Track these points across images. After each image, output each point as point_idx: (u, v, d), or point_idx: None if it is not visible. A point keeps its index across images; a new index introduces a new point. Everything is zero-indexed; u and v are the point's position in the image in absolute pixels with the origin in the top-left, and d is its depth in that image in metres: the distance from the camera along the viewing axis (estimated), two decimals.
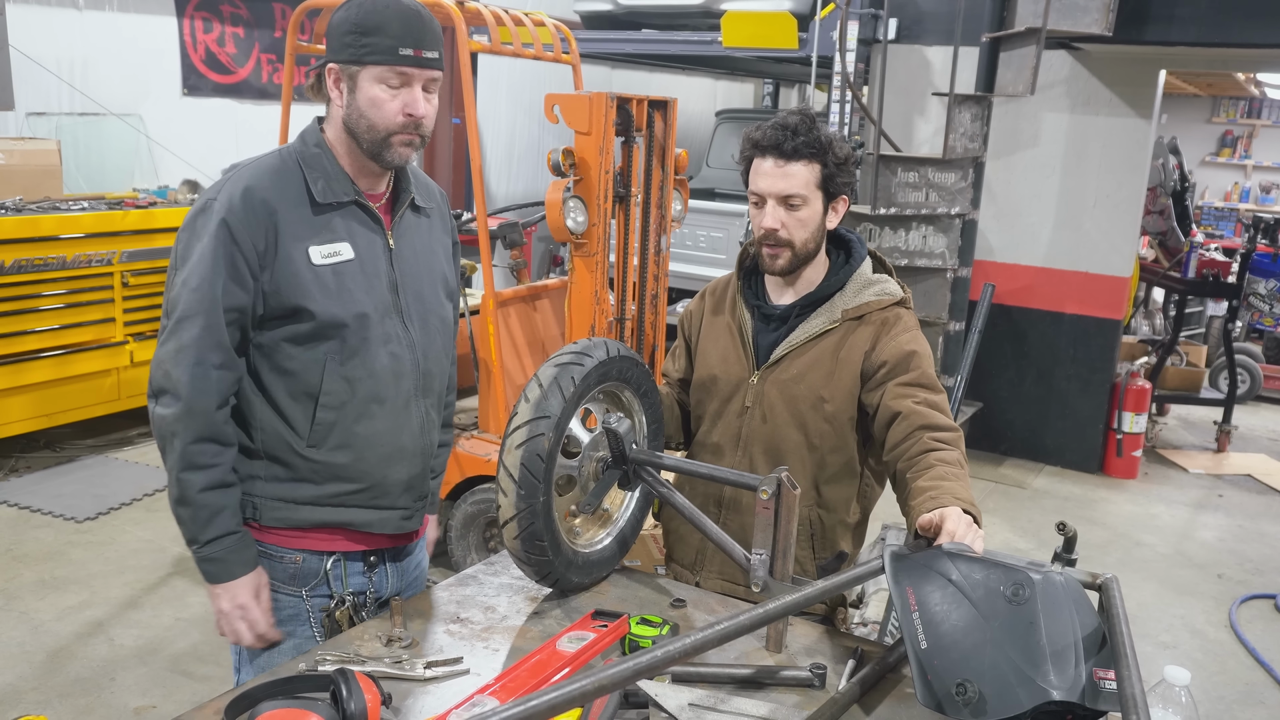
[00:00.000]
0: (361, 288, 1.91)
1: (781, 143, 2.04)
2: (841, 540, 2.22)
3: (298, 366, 1.89)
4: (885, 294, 2.17)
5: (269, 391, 1.90)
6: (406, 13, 1.83)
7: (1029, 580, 1.53)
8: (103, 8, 6.33)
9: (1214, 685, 4.05)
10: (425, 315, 2.04)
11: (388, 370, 1.95)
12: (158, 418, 1.84)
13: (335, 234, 1.90)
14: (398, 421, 1.98)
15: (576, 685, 1.28)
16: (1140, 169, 6.20)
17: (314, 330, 1.87)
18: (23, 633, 3.83)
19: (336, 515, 1.97)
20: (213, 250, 1.80)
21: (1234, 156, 13.54)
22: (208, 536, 1.86)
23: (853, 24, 5.81)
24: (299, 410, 1.91)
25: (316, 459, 1.92)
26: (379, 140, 1.87)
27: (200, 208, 1.86)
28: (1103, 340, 6.43)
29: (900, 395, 2.03)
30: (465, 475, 4.20)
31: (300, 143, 1.94)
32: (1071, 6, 5.08)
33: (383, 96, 1.84)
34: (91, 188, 6.20)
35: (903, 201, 5.35)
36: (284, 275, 1.84)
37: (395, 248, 1.98)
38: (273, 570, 1.97)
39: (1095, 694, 1.43)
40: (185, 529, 1.87)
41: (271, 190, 1.85)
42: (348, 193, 1.91)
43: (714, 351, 2.27)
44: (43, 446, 5.68)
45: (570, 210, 3.81)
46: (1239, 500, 6.21)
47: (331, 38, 1.86)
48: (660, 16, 7.16)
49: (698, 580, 2.29)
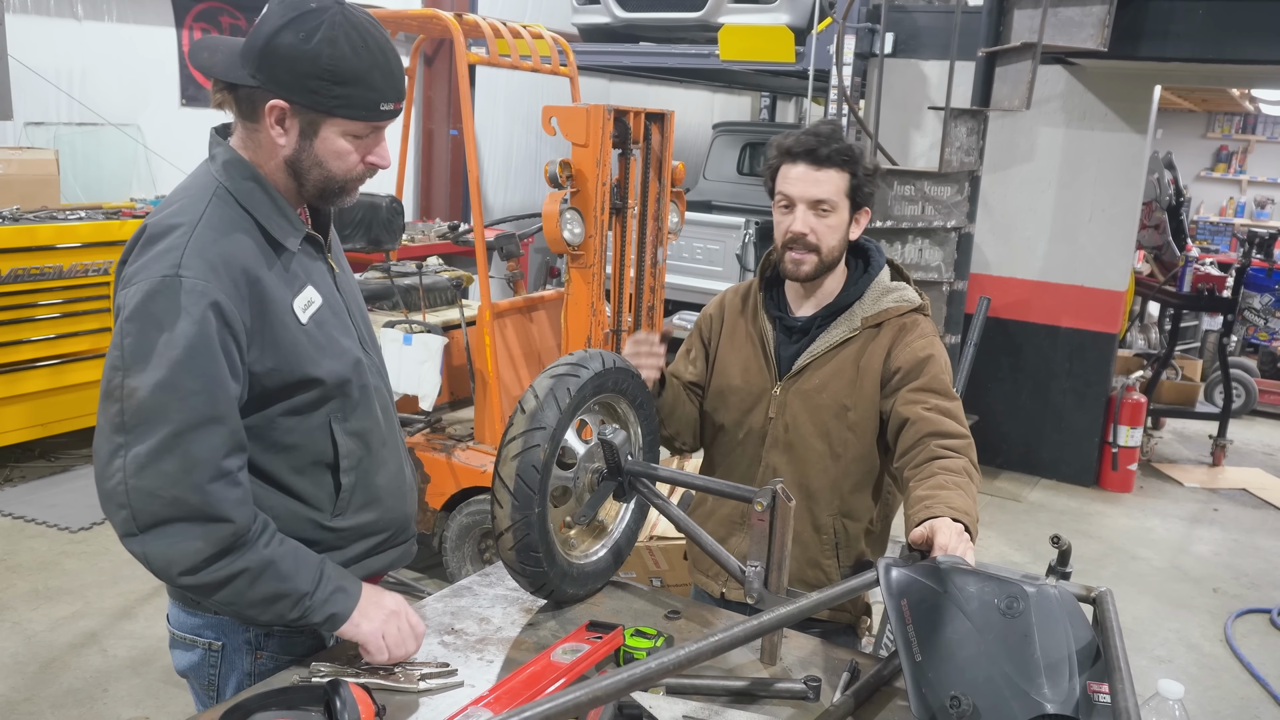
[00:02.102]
0: (340, 331, 1.74)
1: (816, 149, 2.06)
2: (865, 548, 2.23)
3: (299, 438, 1.68)
4: (903, 300, 2.18)
5: (270, 474, 1.67)
6: (388, 60, 1.61)
7: (1023, 593, 1.53)
8: (102, 18, 6.34)
9: (1209, 700, 4.04)
10: (370, 333, 1.89)
11: (376, 408, 1.82)
12: (163, 556, 1.51)
13: (300, 280, 1.68)
14: (398, 456, 1.89)
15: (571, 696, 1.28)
16: (1136, 184, 6.22)
17: (318, 396, 1.68)
18: (15, 643, 3.82)
19: (364, 570, 1.82)
20: (203, 336, 1.50)
21: (1229, 172, 13.59)
22: (315, 576, 1.61)
23: (849, 38, 5.83)
24: (311, 483, 1.71)
25: (343, 526, 1.76)
26: (334, 189, 1.67)
27: (155, 288, 1.50)
28: (1098, 354, 6.45)
29: (911, 401, 2.04)
30: (460, 486, 4.20)
31: (227, 178, 1.63)
32: (1067, 22, 5.11)
33: (347, 148, 1.63)
34: (89, 197, 6.20)
35: (899, 215, 5.36)
36: (283, 347, 1.62)
37: (338, 270, 1.82)
38: (293, 648, 1.79)
39: (1089, 707, 1.42)
40: (285, 602, 1.58)
41: (242, 252, 1.58)
42: (300, 229, 1.69)
43: (735, 361, 2.27)
44: (38, 456, 5.67)
45: (567, 222, 3.82)
46: (1234, 514, 6.21)
47: (279, 69, 1.55)
48: (658, 30, 7.19)
49: (723, 591, 2.29)
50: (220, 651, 1.77)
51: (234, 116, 1.67)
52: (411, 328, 4.34)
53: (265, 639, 1.77)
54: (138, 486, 1.49)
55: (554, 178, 3.81)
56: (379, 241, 4.42)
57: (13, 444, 5.35)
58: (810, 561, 2.20)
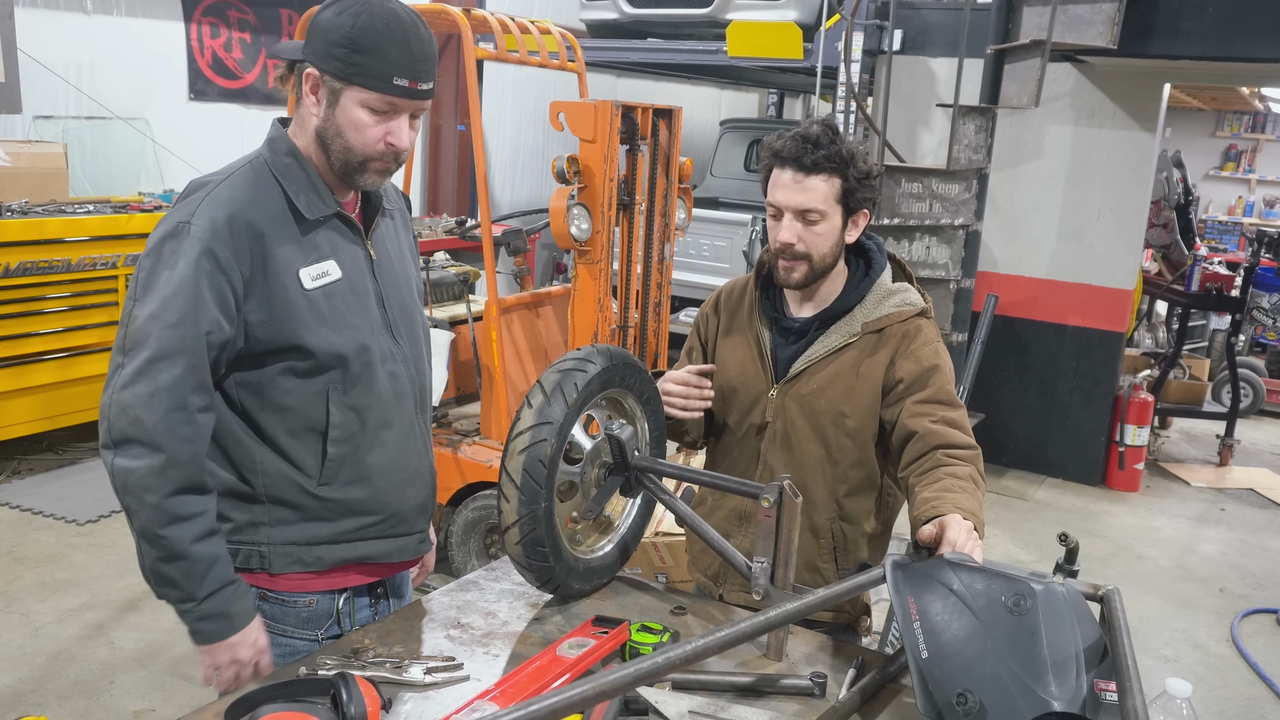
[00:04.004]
0: (354, 310, 1.79)
1: (801, 155, 1.99)
2: (863, 552, 2.21)
3: (296, 401, 1.76)
4: (906, 304, 2.13)
5: (265, 431, 1.76)
6: (408, 37, 1.68)
7: (1031, 590, 1.53)
8: (111, 12, 6.35)
9: (1215, 700, 4.03)
10: (410, 325, 1.94)
11: (389, 392, 1.85)
12: (123, 471, 1.63)
13: (321, 252, 1.76)
14: (406, 444, 1.91)
15: (577, 691, 1.28)
16: (1144, 182, 6.20)
17: (313, 365, 1.75)
18: (23, 635, 3.83)
19: (354, 551, 1.87)
20: (193, 280, 1.62)
21: (1238, 171, 13.55)
22: (207, 590, 1.69)
23: (858, 35, 5.82)
24: (303, 447, 1.78)
25: (330, 497, 1.81)
26: (354, 164, 1.74)
27: (169, 231, 1.67)
28: (1105, 353, 6.43)
29: (917, 414, 2.02)
30: (466, 481, 4.20)
31: (269, 152, 1.77)
32: (1076, 19, 5.09)
33: (365, 120, 1.70)
34: (97, 191, 6.21)
35: (906, 212, 5.35)
36: (277, 305, 1.70)
37: (376, 258, 1.87)
38: (284, 616, 1.86)
39: (1096, 705, 1.42)
40: (176, 590, 1.68)
41: (255, 210, 1.70)
42: (330, 205, 1.78)
43: (733, 361, 2.24)
44: (45, 449, 5.68)
45: (574, 218, 3.82)
46: (1241, 514, 6.20)
47: (315, 39, 1.69)
48: (666, 26, 7.18)
49: (720, 593, 2.27)
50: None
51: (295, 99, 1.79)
52: None
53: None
54: (117, 401, 1.65)
55: (561, 173, 3.81)
56: None
57: (20, 436, 5.36)
58: (808, 565, 2.17)
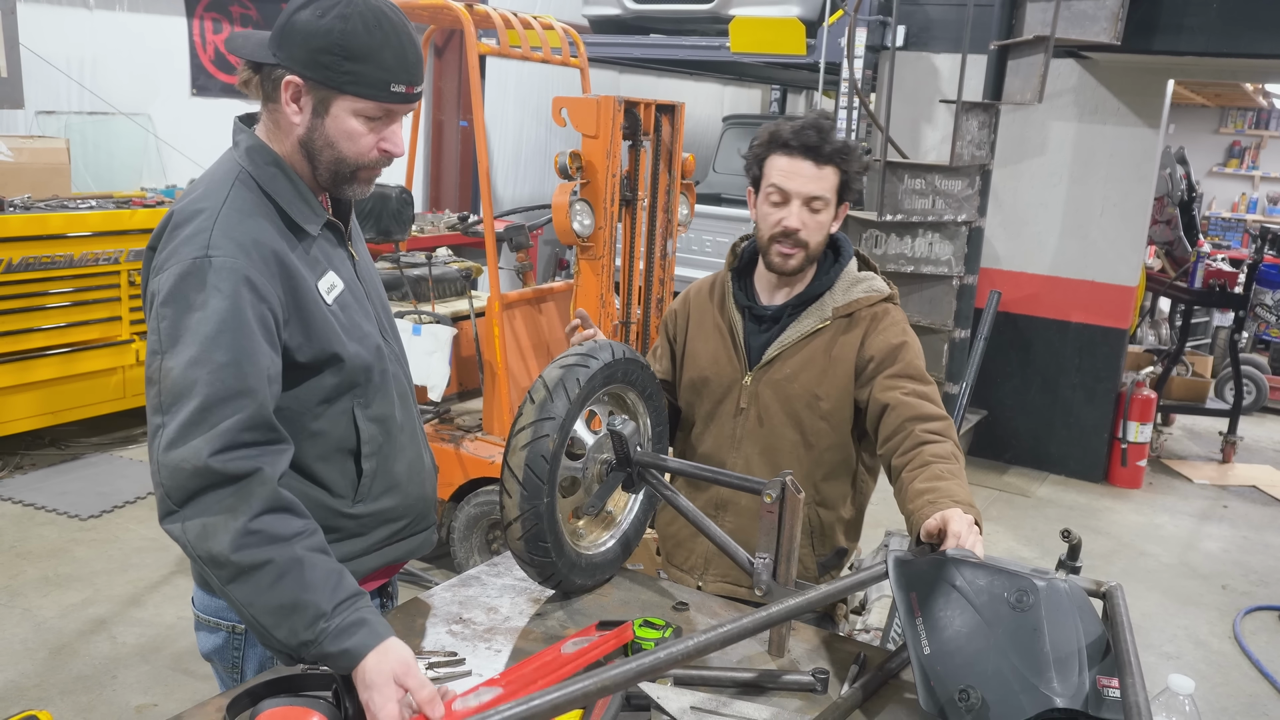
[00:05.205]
0: (361, 316, 1.75)
1: (819, 145, 2.06)
2: (839, 537, 2.25)
3: (325, 425, 1.70)
4: (873, 290, 2.20)
5: (296, 461, 1.64)
6: (401, 41, 1.61)
7: (1033, 586, 1.52)
8: (113, 7, 6.35)
9: (1217, 697, 4.03)
10: (390, 318, 1.91)
11: (395, 394, 1.83)
12: (197, 527, 1.45)
13: (322, 264, 1.70)
14: (416, 442, 1.91)
15: (579, 685, 1.27)
16: (1148, 178, 6.19)
17: (341, 380, 1.68)
18: (25, 630, 3.83)
19: (384, 558, 1.84)
20: (234, 312, 1.50)
21: (1241, 167, 13.52)
22: (340, 598, 1.48)
23: (861, 31, 5.81)
24: (334, 470, 1.72)
25: (363, 512, 1.77)
26: (345, 173, 1.66)
27: (185, 271, 1.51)
28: (1108, 349, 6.42)
29: (888, 387, 2.07)
30: (469, 477, 4.20)
31: (250, 163, 1.65)
32: (1080, 15, 5.08)
33: (360, 130, 1.62)
34: (100, 186, 6.22)
35: (909, 208, 5.35)
36: (315, 325, 1.63)
37: (358, 257, 1.83)
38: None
39: (1099, 701, 1.42)
40: (301, 614, 1.45)
41: (265, 229, 1.60)
42: (322, 215, 1.71)
43: (704, 353, 2.29)
44: (48, 444, 5.69)
45: (577, 213, 3.82)
46: (1244, 511, 6.19)
47: (294, 43, 1.58)
48: (668, 21, 7.17)
49: (699, 584, 2.30)
50: (244, 634, 1.78)
51: (259, 100, 1.68)
52: (421, 318, 4.35)
53: None
54: (167, 462, 1.46)
55: (564, 169, 3.81)
56: (388, 232, 4.43)
57: (23, 431, 5.36)
58: None
